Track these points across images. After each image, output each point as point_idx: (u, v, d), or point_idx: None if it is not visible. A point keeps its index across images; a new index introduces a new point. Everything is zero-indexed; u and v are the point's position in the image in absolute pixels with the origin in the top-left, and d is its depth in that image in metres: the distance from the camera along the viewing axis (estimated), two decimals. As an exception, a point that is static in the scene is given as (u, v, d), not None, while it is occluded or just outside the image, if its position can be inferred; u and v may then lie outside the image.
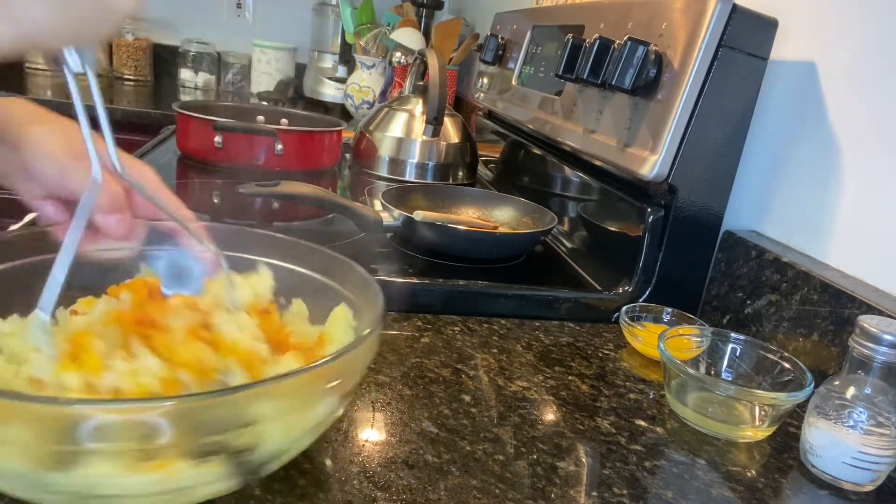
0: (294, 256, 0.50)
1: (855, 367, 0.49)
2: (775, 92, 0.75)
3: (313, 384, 0.36)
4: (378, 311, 0.42)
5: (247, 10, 2.39)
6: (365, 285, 0.46)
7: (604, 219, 0.87)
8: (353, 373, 0.39)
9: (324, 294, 0.48)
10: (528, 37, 1.18)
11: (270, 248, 0.51)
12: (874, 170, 0.63)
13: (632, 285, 0.76)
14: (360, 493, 0.41)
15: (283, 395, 0.34)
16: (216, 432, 0.32)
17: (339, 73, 2.22)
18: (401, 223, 0.81)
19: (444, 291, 0.72)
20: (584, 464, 0.48)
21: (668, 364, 0.55)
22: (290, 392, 0.34)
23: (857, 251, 0.64)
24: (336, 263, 0.49)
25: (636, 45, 0.74)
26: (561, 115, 0.96)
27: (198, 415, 0.31)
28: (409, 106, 1.25)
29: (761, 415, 0.54)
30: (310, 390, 0.36)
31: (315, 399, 0.37)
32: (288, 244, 0.51)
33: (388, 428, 0.48)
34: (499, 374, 0.59)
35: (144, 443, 0.30)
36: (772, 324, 0.67)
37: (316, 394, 0.37)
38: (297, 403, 0.36)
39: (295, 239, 0.51)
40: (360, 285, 0.46)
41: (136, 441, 0.30)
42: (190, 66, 2.26)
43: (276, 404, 0.34)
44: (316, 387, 0.36)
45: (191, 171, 1.13)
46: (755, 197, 0.77)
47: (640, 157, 0.74)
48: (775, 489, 0.48)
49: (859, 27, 0.66)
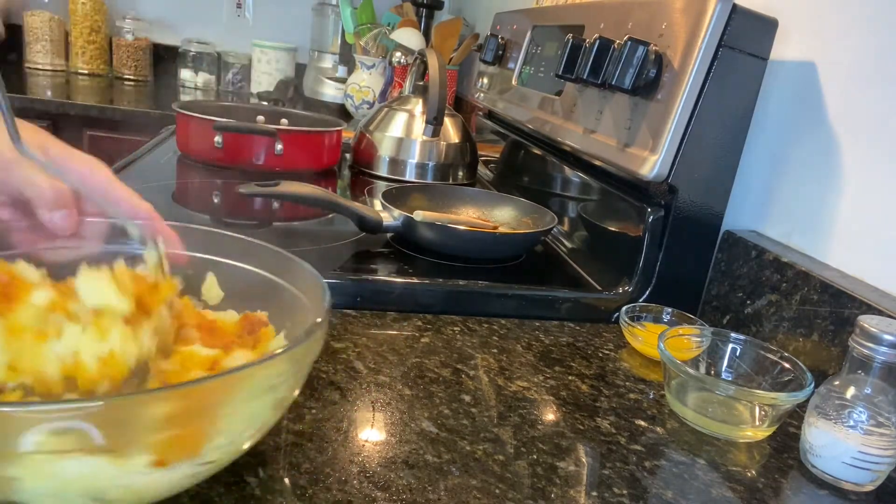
0: (243, 255, 0.50)
1: (855, 367, 0.49)
2: (775, 92, 0.75)
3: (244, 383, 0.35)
4: (325, 307, 0.41)
5: (247, 10, 2.39)
6: (314, 282, 0.45)
7: (604, 219, 0.87)
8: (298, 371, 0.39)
9: (274, 292, 0.48)
10: (528, 37, 1.18)
11: (219, 247, 0.50)
12: (874, 170, 0.63)
13: (632, 285, 0.76)
14: (360, 493, 0.41)
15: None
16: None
17: (339, 73, 2.22)
18: (401, 223, 0.81)
19: (444, 291, 0.72)
20: (584, 464, 0.48)
21: (668, 364, 0.55)
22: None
23: (857, 251, 0.64)
24: (286, 262, 0.48)
25: (636, 45, 0.74)
26: (561, 115, 0.96)
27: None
28: (409, 106, 1.25)
29: (761, 415, 0.54)
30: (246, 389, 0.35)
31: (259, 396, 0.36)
32: (237, 242, 0.50)
33: (387, 428, 0.48)
34: (499, 374, 0.59)
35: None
36: (772, 324, 0.67)
37: (262, 390, 0.36)
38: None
39: (243, 237, 0.51)
40: (310, 283, 0.46)
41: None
42: (190, 66, 2.26)
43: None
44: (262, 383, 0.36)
45: (191, 171, 1.13)
46: (755, 197, 0.77)
47: (640, 157, 0.74)
48: (775, 489, 0.48)
49: (859, 27, 0.66)
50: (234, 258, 0.50)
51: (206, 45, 2.28)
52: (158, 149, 1.24)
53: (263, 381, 0.35)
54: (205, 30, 2.32)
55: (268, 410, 0.38)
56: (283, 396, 0.39)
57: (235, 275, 0.49)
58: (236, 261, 0.50)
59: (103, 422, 0.29)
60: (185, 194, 1.04)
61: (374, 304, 0.69)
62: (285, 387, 0.38)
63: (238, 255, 0.50)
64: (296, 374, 0.38)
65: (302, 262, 0.47)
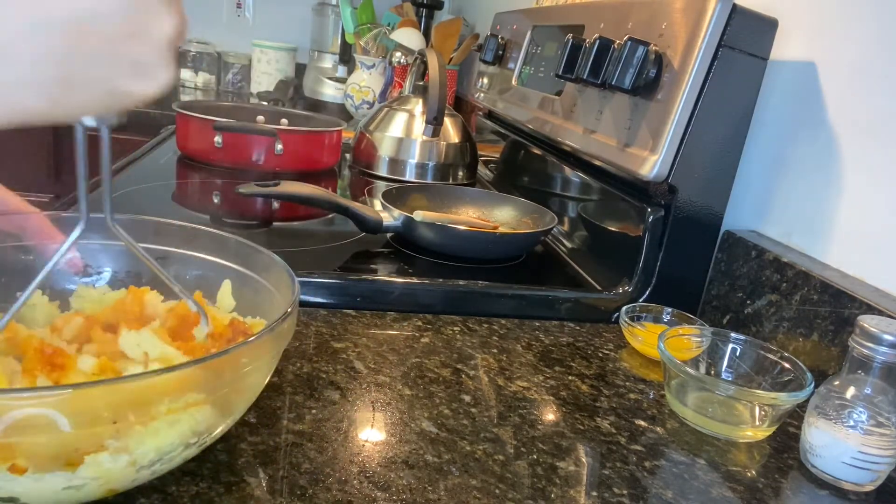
0: (213, 248, 0.51)
1: (855, 367, 0.49)
2: (775, 92, 0.75)
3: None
4: (293, 296, 0.42)
5: (247, 10, 2.39)
6: (282, 274, 0.46)
7: (604, 219, 0.87)
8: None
9: (246, 285, 0.49)
10: (528, 37, 1.18)
11: (189, 241, 0.51)
12: (874, 170, 0.63)
13: (632, 285, 0.76)
14: (360, 493, 0.41)
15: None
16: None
17: (339, 73, 2.22)
18: (401, 223, 0.81)
19: (444, 291, 0.72)
20: (584, 464, 0.48)
21: (668, 364, 0.55)
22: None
23: (857, 251, 0.64)
24: (256, 254, 0.49)
25: (636, 45, 0.74)
26: (561, 115, 0.96)
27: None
28: (409, 106, 1.25)
29: (761, 415, 0.54)
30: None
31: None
32: (208, 236, 0.51)
33: (387, 428, 0.48)
34: (499, 374, 0.59)
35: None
36: (772, 324, 0.67)
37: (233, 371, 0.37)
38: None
39: (214, 230, 0.52)
40: (279, 276, 0.47)
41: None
42: (190, 66, 2.26)
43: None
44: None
45: (191, 171, 1.13)
46: (755, 197, 0.77)
47: (640, 157, 0.74)
48: (775, 489, 0.48)
49: (859, 27, 0.66)
50: (205, 252, 0.51)
51: (206, 45, 2.28)
52: (158, 149, 1.24)
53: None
54: (205, 30, 2.31)
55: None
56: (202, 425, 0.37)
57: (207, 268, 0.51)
58: (204, 254, 0.51)
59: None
60: (185, 194, 1.04)
61: (374, 304, 0.69)
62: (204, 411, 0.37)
63: (207, 248, 0.51)
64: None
65: (273, 256, 0.48)
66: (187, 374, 0.34)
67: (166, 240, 0.51)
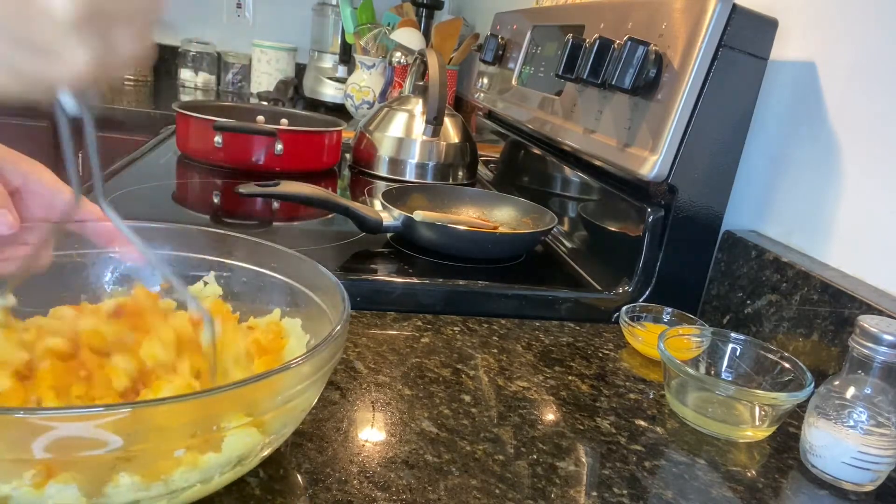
0: (258, 258, 0.50)
1: (855, 367, 0.49)
2: (775, 92, 0.75)
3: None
4: (344, 314, 0.41)
5: (247, 10, 2.39)
6: (332, 290, 0.45)
7: (604, 219, 0.87)
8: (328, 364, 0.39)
9: (293, 297, 0.49)
10: (528, 37, 1.18)
11: (233, 250, 0.51)
12: (874, 170, 0.63)
13: (632, 285, 0.76)
14: (360, 493, 0.41)
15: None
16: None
17: (339, 73, 2.22)
18: (401, 223, 0.81)
19: (444, 291, 0.72)
20: (584, 464, 0.48)
21: (668, 364, 0.55)
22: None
23: (857, 251, 0.64)
24: (304, 266, 0.49)
25: (636, 45, 0.74)
26: (561, 115, 0.96)
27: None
28: (409, 106, 1.25)
29: (761, 415, 0.54)
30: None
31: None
32: (252, 246, 0.51)
33: (387, 428, 0.48)
34: (499, 374, 0.59)
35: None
36: (772, 324, 0.67)
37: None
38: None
39: (259, 240, 0.51)
40: (327, 290, 0.46)
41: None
42: (190, 66, 2.26)
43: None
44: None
45: (191, 171, 1.13)
46: (755, 197, 0.77)
47: (640, 157, 0.74)
48: (775, 489, 0.48)
49: (859, 27, 0.66)
50: (248, 262, 0.50)
51: (206, 45, 2.28)
52: (158, 149, 1.24)
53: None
54: (205, 30, 2.31)
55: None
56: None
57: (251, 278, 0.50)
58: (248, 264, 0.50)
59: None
60: (185, 194, 1.04)
61: (374, 304, 0.69)
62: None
63: (251, 258, 0.50)
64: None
65: (320, 267, 0.48)
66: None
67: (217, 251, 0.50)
